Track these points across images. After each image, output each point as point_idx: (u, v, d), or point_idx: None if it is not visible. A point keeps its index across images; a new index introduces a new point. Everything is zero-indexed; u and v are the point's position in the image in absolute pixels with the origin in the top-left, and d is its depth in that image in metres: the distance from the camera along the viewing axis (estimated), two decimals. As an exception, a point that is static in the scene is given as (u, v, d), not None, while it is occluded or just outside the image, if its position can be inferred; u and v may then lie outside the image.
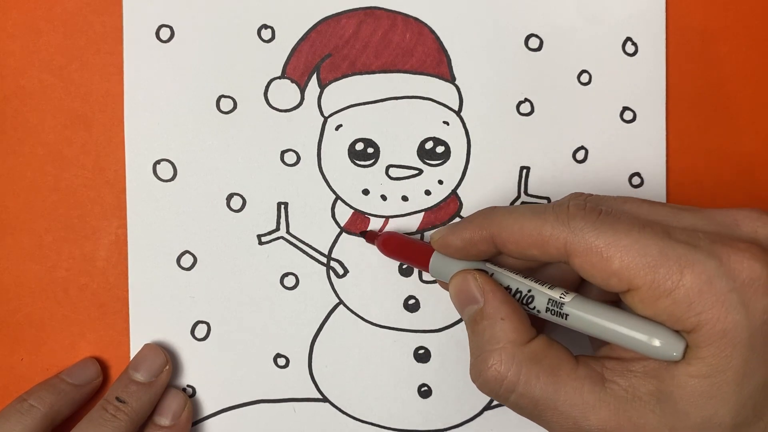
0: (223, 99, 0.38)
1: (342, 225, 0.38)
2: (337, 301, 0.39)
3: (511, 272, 0.32)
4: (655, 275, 0.27)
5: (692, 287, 0.27)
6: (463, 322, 0.39)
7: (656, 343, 0.28)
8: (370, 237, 0.38)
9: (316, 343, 0.39)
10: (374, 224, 0.39)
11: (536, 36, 0.39)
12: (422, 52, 0.38)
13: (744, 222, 0.29)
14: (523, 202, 0.39)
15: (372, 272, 0.39)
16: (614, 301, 0.31)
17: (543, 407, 0.29)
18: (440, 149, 0.39)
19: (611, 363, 0.30)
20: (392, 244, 0.37)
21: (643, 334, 0.28)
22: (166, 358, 0.37)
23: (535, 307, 0.31)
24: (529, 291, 0.31)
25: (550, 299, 0.31)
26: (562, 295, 0.30)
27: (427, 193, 0.39)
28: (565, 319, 0.30)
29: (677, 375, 0.28)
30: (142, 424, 0.36)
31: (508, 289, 0.32)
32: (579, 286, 0.34)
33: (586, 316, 0.30)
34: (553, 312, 0.30)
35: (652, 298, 0.28)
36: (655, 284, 0.27)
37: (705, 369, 0.27)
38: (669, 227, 0.29)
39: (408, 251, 0.36)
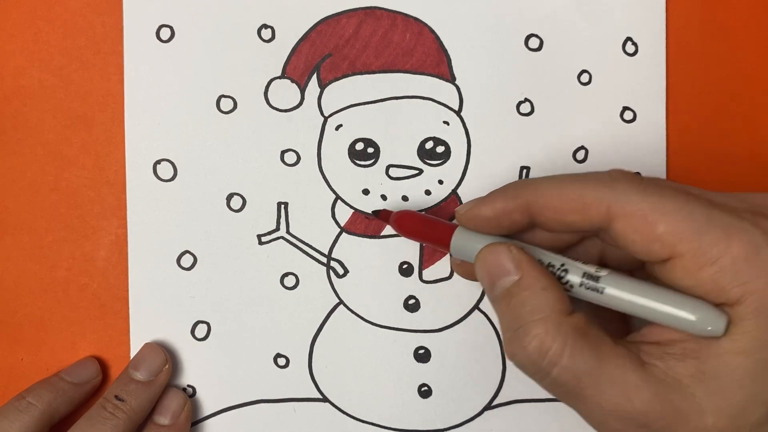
0: (223, 99, 0.38)
1: (342, 225, 0.38)
2: (337, 301, 0.39)
3: (540, 248, 0.31)
4: (701, 242, 0.26)
5: (739, 255, 0.26)
6: (463, 322, 0.39)
7: (698, 318, 0.26)
8: (384, 216, 0.37)
9: (316, 343, 0.39)
10: (375, 224, 0.39)
11: (536, 36, 0.39)
12: (422, 52, 0.38)
13: None
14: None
15: (372, 272, 0.39)
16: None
17: (586, 384, 0.27)
18: (440, 149, 0.39)
19: (647, 347, 0.28)
20: (409, 221, 0.35)
21: (683, 309, 0.27)
22: (166, 357, 0.37)
23: (568, 282, 0.30)
24: (563, 265, 0.30)
25: (585, 273, 0.29)
26: (597, 270, 0.29)
27: (427, 193, 0.39)
28: (601, 293, 0.29)
29: (720, 353, 0.27)
30: (141, 424, 0.36)
31: (539, 263, 0.30)
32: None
33: (624, 291, 0.28)
34: (588, 287, 0.29)
35: (697, 266, 0.26)
36: (701, 251, 0.26)
37: (750, 344, 0.26)
38: (710, 200, 0.28)
39: (427, 228, 0.34)
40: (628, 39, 0.39)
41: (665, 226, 0.27)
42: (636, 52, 0.39)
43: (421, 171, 0.39)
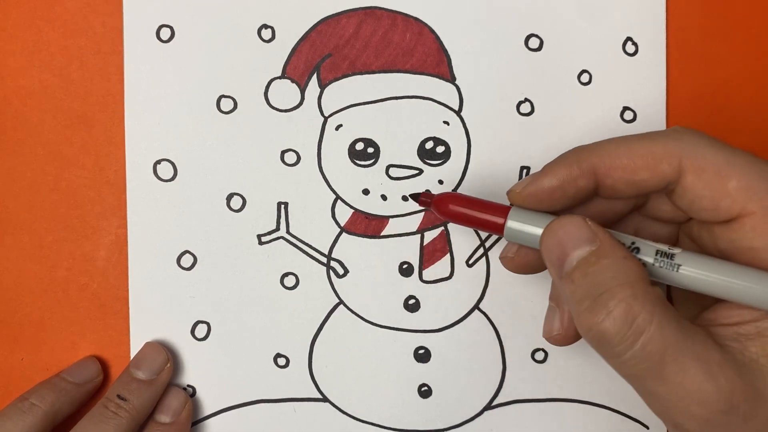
0: (223, 99, 0.38)
1: (342, 225, 0.38)
2: (337, 301, 0.39)
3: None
4: None
5: None
6: (463, 322, 0.39)
7: None
8: (426, 198, 0.34)
9: (316, 343, 0.39)
10: (375, 224, 0.39)
11: (536, 36, 0.39)
12: (422, 51, 0.38)
13: None
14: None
15: (372, 272, 0.39)
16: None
17: (670, 359, 0.25)
18: (440, 149, 0.39)
19: (718, 329, 0.27)
20: (453, 203, 0.32)
21: (763, 284, 0.26)
22: (168, 356, 0.37)
23: (640, 260, 0.28)
24: (633, 243, 0.29)
25: (658, 250, 0.28)
26: (670, 248, 0.28)
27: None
28: (677, 270, 0.27)
29: None
30: (142, 422, 0.36)
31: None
32: None
33: (700, 269, 0.27)
34: (662, 264, 0.28)
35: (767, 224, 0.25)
36: None
37: None
38: None
39: (476, 208, 0.32)
40: (628, 39, 0.39)
41: (737, 181, 0.26)
42: (636, 52, 0.39)
43: (421, 171, 0.39)
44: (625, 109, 0.39)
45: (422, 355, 0.39)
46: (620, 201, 0.31)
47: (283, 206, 0.38)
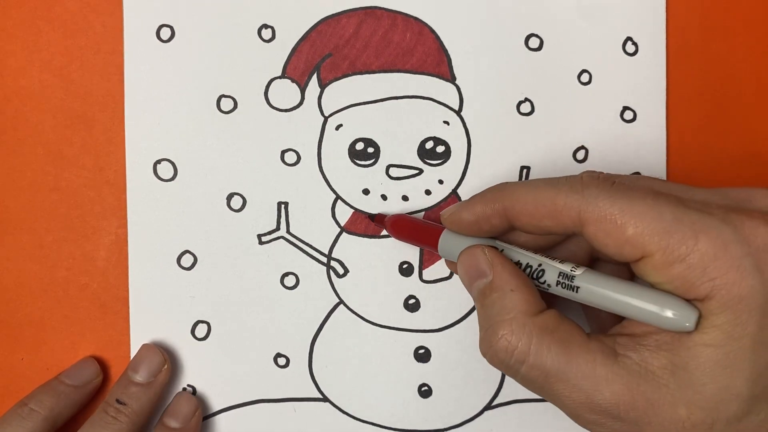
0: (223, 99, 0.38)
1: (342, 225, 0.38)
2: (338, 300, 0.39)
3: (521, 248, 0.32)
4: (669, 240, 0.27)
5: (707, 252, 0.27)
6: (463, 322, 0.39)
7: (669, 313, 0.27)
8: (380, 219, 0.38)
9: (316, 343, 0.39)
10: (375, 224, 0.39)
11: (536, 36, 0.39)
12: (422, 51, 0.39)
13: (757, 198, 0.29)
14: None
15: (372, 272, 0.39)
16: (626, 278, 0.31)
17: (554, 379, 0.29)
18: (440, 149, 0.39)
19: (623, 339, 0.29)
20: (401, 226, 0.37)
21: (654, 305, 0.28)
22: (165, 357, 0.37)
23: (545, 281, 0.31)
24: (540, 265, 0.31)
25: (560, 272, 0.30)
26: (573, 269, 0.30)
27: (428, 192, 0.39)
28: (576, 292, 0.30)
29: (691, 346, 0.27)
30: (151, 426, 0.36)
31: (518, 264, 0.32)
32: (590, 265, 0.33)
33: (597, 289, 0.29)
34: (564, 285, 0.30)
35: (666, 264, 0.27)
36: (669, 250, 0.27)
37: (720, 337, 0.27)
38: (683, 198, 0.28)
39: (417, 232, 0.36)
40: (628, 39, 0.39)
41: (634, 228, 0.28)
42: (636, 52, 0.39)
43: (421, 171, 0.39)
44: (625, 108, 0.39)
45: (422, 355, 0.39)
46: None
47: (283, 206, 0.38)
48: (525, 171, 0.39)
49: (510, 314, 0.30)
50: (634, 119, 0.39)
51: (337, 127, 0.38)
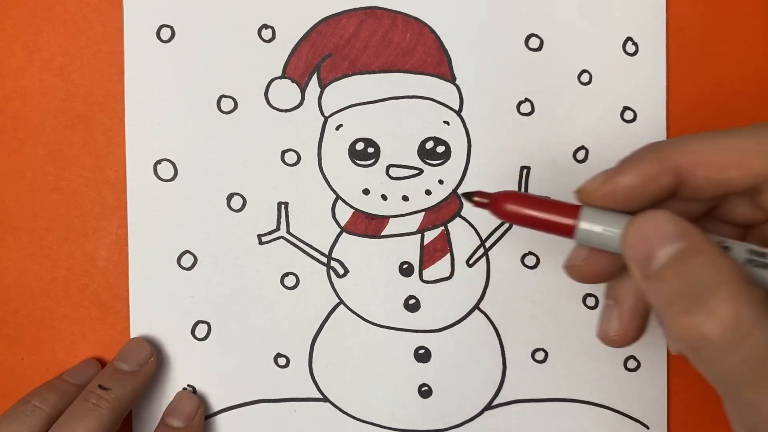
0: (223, 99, 0.38)
1: (342, 225, 0.38)
2: (338, 301, 0.39)
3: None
4: None
5: None
6: (463, 322, 0.39)
7: None
8: (480, 198, 0.30)
9: (316, 343, 0.39)
10: (375, 224, 0.39)
11: (536, 36, 0.39)
12: (422, 51, 0.39)
13: None
14: (523, 202, 0.39)
15: (372, 272, 0.39)
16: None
17: None
18: (441, 149, 0.39)
19: None
20: (513, 203, 0.29)
21: None
22: (152, 350, 0.37)
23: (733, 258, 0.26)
24: (721, 242, 0.27)
25: (749, 249, 0.26)
26: (759, 247, 0.26)
27: (428, 192, 0.39)
28: None
29: None
30: (152, 425, 0.36)
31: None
32: None
33: None
34: (757, 264, 0.26)
35: None
36: None
37: None
38: None
39: (542, 210, 0.28)
40: (628, 39, 0.39)
41: None
42: (636, 52, 0.39)
43: (421, 171, 0.39)
44: (625, 108, 0.39)
45: (422, 355, 0.39)
46: (697, 203, 0.29)
47: (283, 206, 0.38)
48: (525, 171, 0.39)
49: (731, 275, 0.24)
50: (634, 119, 0.39)
51: (337, 127, 0.38)
